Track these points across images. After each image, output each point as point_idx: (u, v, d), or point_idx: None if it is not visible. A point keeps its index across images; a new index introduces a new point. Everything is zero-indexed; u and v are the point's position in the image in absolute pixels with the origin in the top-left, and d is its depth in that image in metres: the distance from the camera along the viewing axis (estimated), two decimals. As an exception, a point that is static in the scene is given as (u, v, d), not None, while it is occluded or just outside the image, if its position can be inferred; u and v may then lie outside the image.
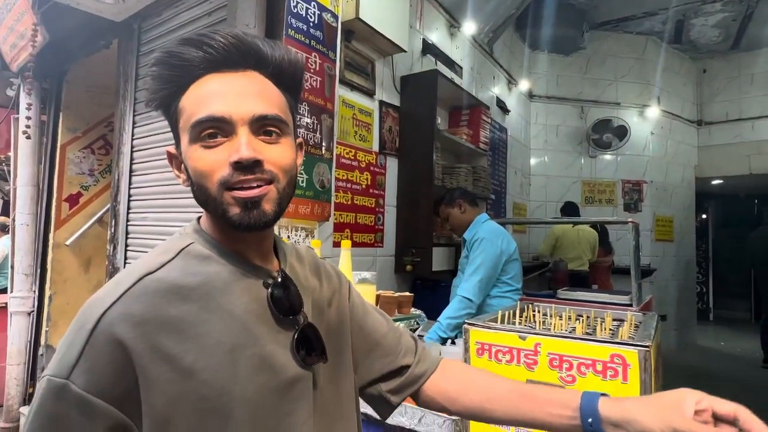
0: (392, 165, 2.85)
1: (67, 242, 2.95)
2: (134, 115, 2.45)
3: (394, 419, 1.21)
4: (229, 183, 0.54)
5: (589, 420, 0.61)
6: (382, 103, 2.73)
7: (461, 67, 3.63)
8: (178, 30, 2.24)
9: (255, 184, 0.55)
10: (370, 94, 2.63)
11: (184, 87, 0.57)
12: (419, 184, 2.80)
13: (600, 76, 5.48)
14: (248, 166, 0.54)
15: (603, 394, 0.64)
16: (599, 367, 0.91)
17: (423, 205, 2.78)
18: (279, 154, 0.57)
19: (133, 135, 2.44)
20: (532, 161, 5.50)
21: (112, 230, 2.51)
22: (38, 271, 2.92)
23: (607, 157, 5.50)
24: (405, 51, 2.71)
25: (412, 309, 1.61)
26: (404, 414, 1.20)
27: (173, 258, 0.56)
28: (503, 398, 0.68)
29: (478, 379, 0.73)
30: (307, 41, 2.00)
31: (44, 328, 2.90)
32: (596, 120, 5.38)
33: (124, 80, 2.51)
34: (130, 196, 2.45)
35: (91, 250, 3.08)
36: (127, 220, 2.45)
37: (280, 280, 0.62)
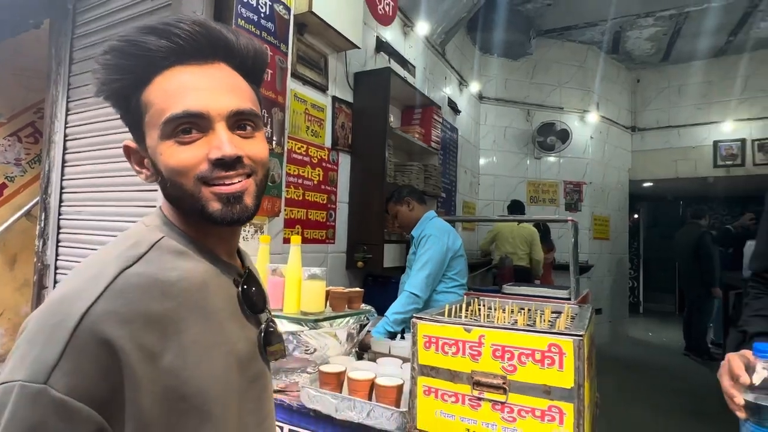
0: (345, 161, 2.84)
1: (-11, 237, 2.71)
2: (68, 102, 2.29)
3: (342, 414, 1.22)
4: (208, 179, 0.54)
5: None
6: (335, 98, 2.71)
7: (414, 67, 3.67)
8: (117, 13, 2.11)
9: (237, 180, 0.55)
10: (322, 89, 2.61)
11: (146, 79, 0.55)
12: (371, 181, 2.82)
13: (545, 82, 5.74)
14: (230, 163, 0.54)
15: None
16: (538, 357, 0.96)
17: (375, 202, 2.79)
18: (257, 149, 0.58)
19: (66, 123, 2.28)
20: (482, 161, 5.67)
21: (42, 225, 2.34)
22: (-46, 268, 2.66)
23: (551, 158, 5.78)
24: (359, 47, 2.71)
25: (363, 305, 1.62)
26: (353, 408, 1.20)
27: (147, 251, 0.52)
28: None
29: None
30: (258, 32, 1.96)
31: (-39, 331, 2.65)
32: (541, 123, 5.63)
33: (56, 63, 2.34)
34: (62, 188, 2.29)
35: (18, 245, 2.85)
36: (59, 214, 2.29)
37: (247, 278, 0.63)
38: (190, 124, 0.54)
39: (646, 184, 7.05)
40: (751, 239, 4.02)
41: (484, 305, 1.27)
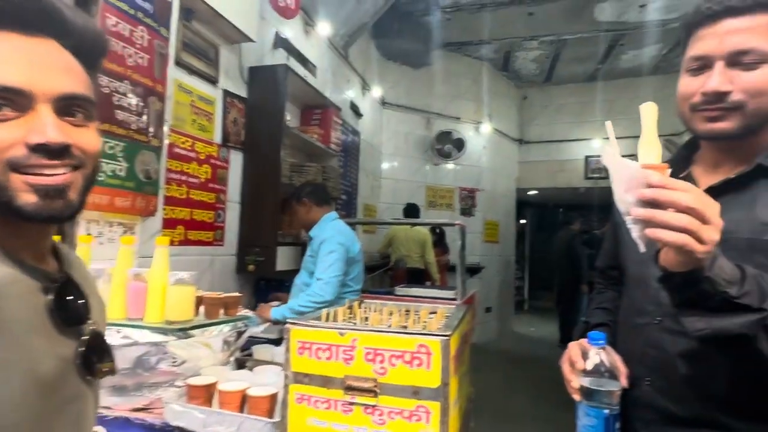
0: (236, 159, 2.69)
1: None
2: None
3: (211, 429, 1.13)
4: (20, 165, 0.46)
5: None
6: (226, 92, 2.56)
7: (315, 66, 3.62)
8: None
9: (61, 171, 0.48)
10: (212, 81, 2.45)
11: None
12: (266, 181, 2.71)
13: (443, 92, 6.03)
14: (55, 151, 0.47)
15: None
16: (408, 358, 0.98)
17: (269, 202, 2.69)
18: (89, 140, 0.52)
19: None
20: (384, 165, 5.78)
21: None
22: None
23: (448, 165, 6.08)
24: (253, 41, 2.59)
25: (245, 310, 1.53)
26: (222, 423, 1.12)
27: None
28: None
29: None
30: (133, 12, 1.77)
31: None
32: (439, 131, 5.90)
33: None
34: None
35: None
36: None
37: (61, 284, 0.54)
38: (3, 100, 0.46)
39: (531, 192, 7.75)
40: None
41: (364, 308, 1.27)
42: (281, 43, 3.12)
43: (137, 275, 1.21)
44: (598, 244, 5.88)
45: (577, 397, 0.80)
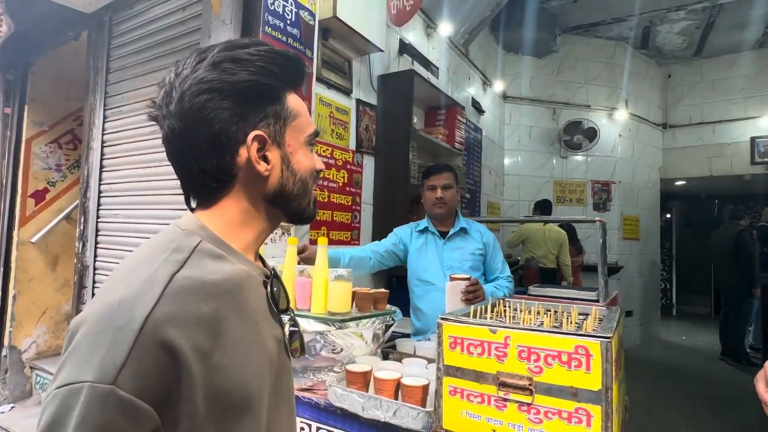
0: (369, 163, 2.87)
1: (33, 239, 2.86)
2: (105, 110, 2.40)
3: (369, 413, 1.24)
4: (314, 183, 0.69)
5: None
6: (359, 101, 2.75)
7: (437, 68, 3.67)
8: (150, 23, 2.20)
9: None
10: (347, 92, 2.64)
11: (286, 91, 0.64)
12: (395, 183, 2.84)
13: (571, 79, 5.64)
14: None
15: None
16: (564, 358, 0.96)
17: (399, 202, 2.81)
18: None
19: (103, 130, 2.39)
20: (506, 161, 5.61)
21: (81, 227, 2.45)
22: (1, 269, 2.81)
23: (578, 157, 5.67)
24: (382, 50, 2.74)
25: (388, 305, 1.64)
26: (379, 407, 1.22)
27: (190, 256, 0.55)
28: None
29: None
30: (284, 38, 2.00)
31: (8, 329, 2.80)
32: (567, 122, 5.53)
33: (94, 73, 2.45)
34: (100, 192, 2.40)
35: (58, 247, 2.99)
36: (98, 217, 2.40)
37: (273, 278, 0.67)
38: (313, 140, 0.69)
39: (678, 183, 6.84)
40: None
41: (509, 306, 1.27)
42: (405, 48, 3.23)
43: (302, 272, 1.38)
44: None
45: None
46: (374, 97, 2.91)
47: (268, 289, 0.65)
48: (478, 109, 4.64)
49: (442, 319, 1.11)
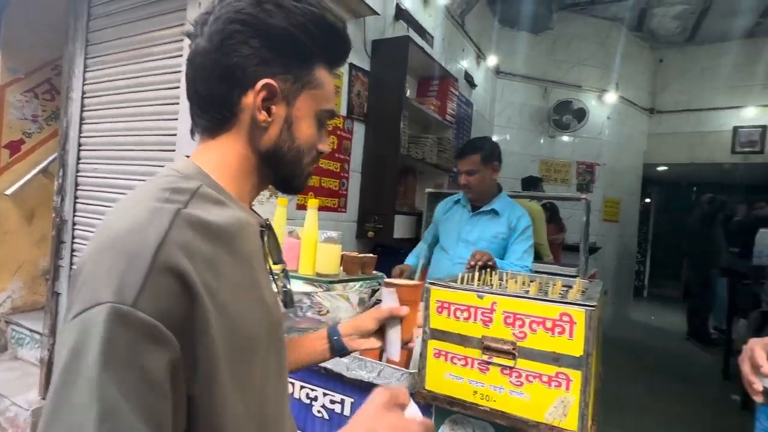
0: (359, 130, 2.83)
1: (8, 192, 2.76)
2: (86, 58, 2.29)
3: (353, 373, 1.26)
4: (313, 162, 0.67)
5: (335, 337, 0.89)
6: (352, 66, 2.68)
7: (432, 37, 3.60)
8: (137, -32, 2.08)
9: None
10: (340, 55, 2.57)
11: (317, 59, 0.62)
12: (385, 152, 2.81)
13: (564, 58, 5.60)
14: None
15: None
16: (549, 325, 0.98)
17: (388, 172, 2.79)
18: None
19: (84, 80, 2.29)
20: (495, 137, 5.60)
21: (60, 181, 2.38)
22: (-26, 220, 2.73)
23: (565, 138, 5.70)
24: (378, 14, 2.65)
25: (374, 271, 1.64)
26: (364, 368, 1.24)
27: (191, 199, 0.53)
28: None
29: None
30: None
31: (-18, 282, 2.73)
32: (558, 101, 5.53)
33: (74, 18, 2.33)
34: (80, 145, 2.32)
35: (35, 201, 2.90)
36: (77, 171, 2.32)
37: (269, 229, 0.67)
38: (330, 120, 0.69)
39: (660, 168, 6.96)
40: (765, 227, 3.98)
41: (495, 275, 1.29)
42: (402, 14, 3.15)
43: (291, 232, 1.37)
44: (746, 227, 5.17)
45: (759, 399, 0.78)
46: (368, 62, 2.85)
47: (264, 239, 0.65)
48: (471, 82, 4.59)
49: (430, 284, 1.12)
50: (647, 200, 8.88)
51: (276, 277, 0.69)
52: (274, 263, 0.68)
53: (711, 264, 5.11)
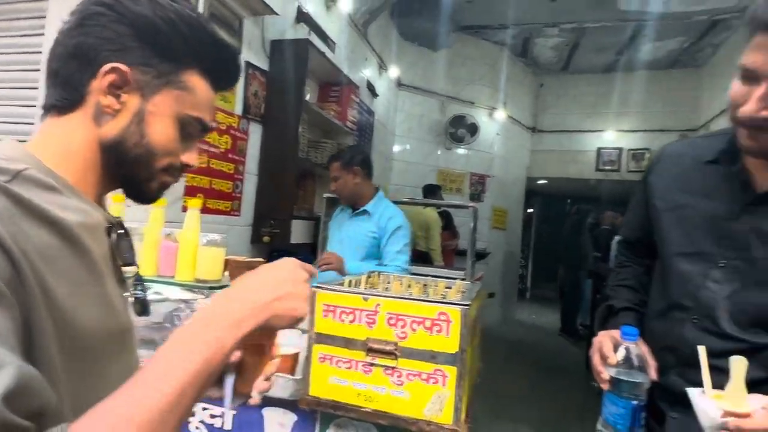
0: (256, 131, 2.73)
1: None
2: None
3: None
4: (172, 172, 0.61)
5: None
6: (248, 64, 2.58)
7: (335, 43, 3.61)
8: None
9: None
10: (235, 52, 2.46)
11: (187, 64, 0.59)
12: (283, 154, 2.74)
13: (460, 76, 5.98)
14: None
15: None
16: (428, 324, 1.03)
17: (286, 175, 2.73)
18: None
19: None
20: (396, 147, 5.78)
21: None
22: None
23: (461, 150, 6.08)
24: (277, 14, 2.60)
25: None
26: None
27: (12, 179, 0.46)
28: None
29: None
30: (165, -22, 1.79)
31: None
32: (453, 115, 5.88)
33: None
34: None
35: None
36: None
37: (122, 230, 0.60)
38: (201, 133, 0.62)
39: (540, 182, 7.73)
40: (618, 235, 4.62)
41: (383, 279, 1.32)
42: (303, 17, 3.12)
43: (168, 235, 1.27)
44: (605, 240, 5.96)
45: (606, 386, 0.83)
46: (266, 62, 2.77)
47: (113, 237, 0.59)
48: (373, 91, 4.69)
49: (316, 287, 1.11)
50: (530, 210, 9.82)
51: (127, 280, 0.63)
52: (124, 265, 0.62)
53: (580, 267, 5.81)
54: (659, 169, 0.99)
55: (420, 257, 4.43)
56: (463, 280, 2.39)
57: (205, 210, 2.35)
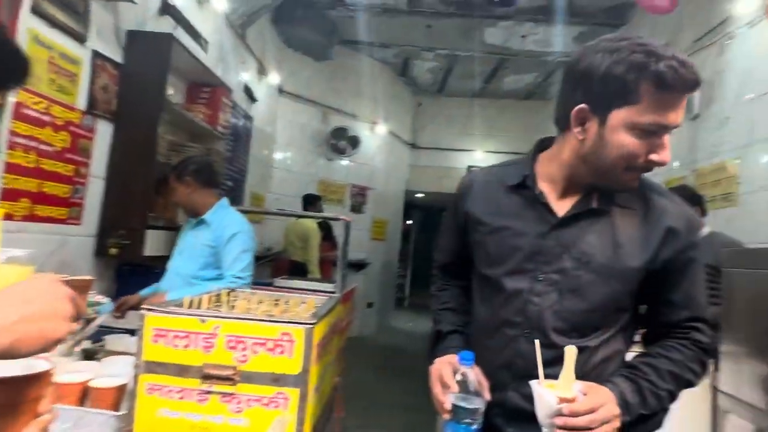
0: (105, 130, 2.42)
1: None
2: None
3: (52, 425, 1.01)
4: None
5: None
6: (96, 53, 2.29)
7: (207, 42, 3.40)
8: None
9: None
10: (79, 38, 2.16)
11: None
12: (138, 157, 2.48)
13: (343, 88, 6.06)
14: None
15: None
16: (270, 345, 0.98)
17: (140, 180, 2.46)
18: None
19: None
20: (277, 155, 5.63)
21: None
22: None
23: (342, 162, 6.14)
24: (134, 2, 2.36)
25: (100, 297, 1.40)
26: (56, 418, 1.01)
27: None
28: None
29: None
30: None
31: None
32: (335, 127, 5.93)
33: None
34: None
35: None
36: None
37: None
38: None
39: (418, 195, 8.16)
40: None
41: (232, 296, 1.24)
42: (168, 10, 2.87)
43: (-44, 251, 1.03)
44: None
45: (447, 416, 0.83)
46: (120, 54, 2.48)
47: None
48: (251, 96, 4.50)
49: (146, 309, 0.99)
50: (409, 222, 10.29)
51: None
52: None
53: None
54: (473, 196, 1.06)
55: (297, 268, 4.36)
56: (332, 293, 2.39)
57: (32, 217, 2.00)
